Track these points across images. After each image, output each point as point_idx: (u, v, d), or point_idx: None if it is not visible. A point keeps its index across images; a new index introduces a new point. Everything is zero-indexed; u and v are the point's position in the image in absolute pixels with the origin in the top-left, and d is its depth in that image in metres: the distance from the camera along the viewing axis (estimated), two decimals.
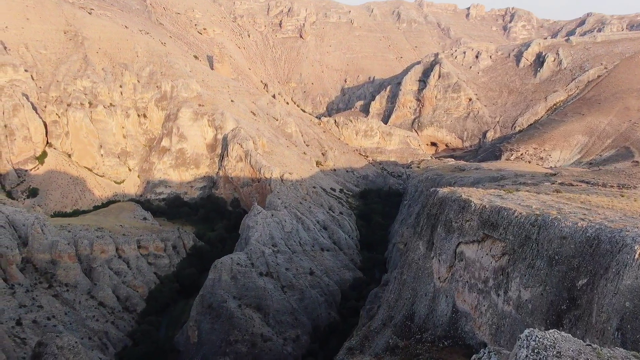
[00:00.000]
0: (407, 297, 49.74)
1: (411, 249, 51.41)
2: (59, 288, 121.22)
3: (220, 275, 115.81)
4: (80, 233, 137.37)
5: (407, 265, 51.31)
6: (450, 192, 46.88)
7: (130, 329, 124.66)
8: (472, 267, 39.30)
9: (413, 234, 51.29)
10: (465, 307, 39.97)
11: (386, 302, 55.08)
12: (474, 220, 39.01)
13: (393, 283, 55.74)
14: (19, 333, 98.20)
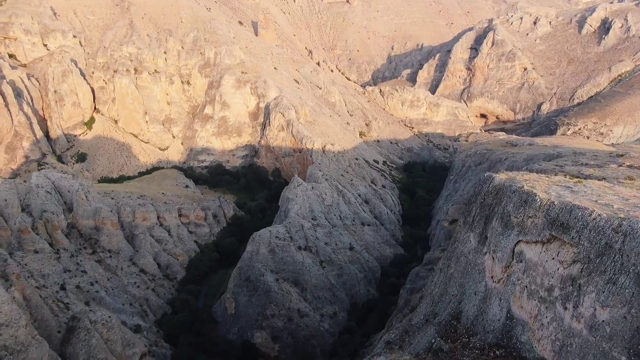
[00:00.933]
0: (453, 294, 45.01)
1: (460, 240, 46.26)
2: (102, 254, 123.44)
3: (258, 248, 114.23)
4: (123, 200, 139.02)
5: (455, 258, 46.33)
6: (509, 180, 41.15)
7: (170, 296, 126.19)
8: (533, 270, 34.03)
9: (463, 224, 45.98)
10: (522, 315, 34.99)
11: (429, 295, 50.58)
12: (538, 218, 33.52)
13: (438, 275, 50.99)
14: (63, 298, 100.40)
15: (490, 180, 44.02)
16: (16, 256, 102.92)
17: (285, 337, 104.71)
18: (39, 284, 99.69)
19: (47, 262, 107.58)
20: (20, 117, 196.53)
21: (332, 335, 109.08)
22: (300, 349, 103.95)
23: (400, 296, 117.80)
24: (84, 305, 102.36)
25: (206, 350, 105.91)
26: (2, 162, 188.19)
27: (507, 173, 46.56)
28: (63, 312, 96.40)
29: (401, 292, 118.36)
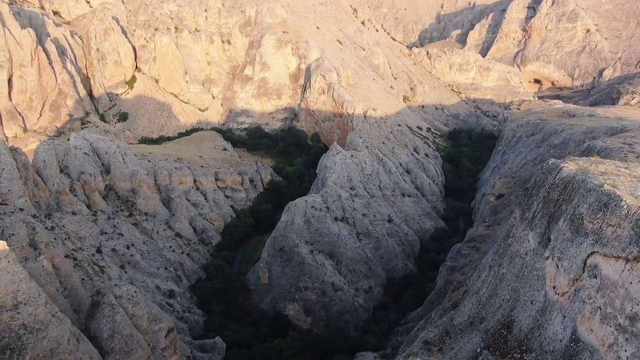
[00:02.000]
0: (504, 298, 39.46)
1: (516, 237, 40.25)
2: (139, 217, 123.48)
3: (293, 218, 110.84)
4: (160, 163, 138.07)
5: (509, 257, 40.49)
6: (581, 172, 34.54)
7: (204, 262, 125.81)
8: (611, 291, 28.01)
9: (520, 218, 39.87)
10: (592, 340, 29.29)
11: (475, 294, 45.15)
12: (623, 228, 27.23)
13: (486, 272, 45.33)
14: (99, 261, 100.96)
15: (556, 170, 37.34)
16: (54, 217, 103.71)
17: (318, 311, 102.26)
18: (76, 247, 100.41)
19: (84, 224, 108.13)
20: (64, 75, 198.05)
21: (366, 310, 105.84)
22: (333, 323, 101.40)
23: (440, 274, 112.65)
24: (119, 269, 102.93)
25: (238, 319, 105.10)
26: (47, 120, 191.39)
27: (576, 162, 39.57)
28: (98, 275, 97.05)
29: (441, 270, 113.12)
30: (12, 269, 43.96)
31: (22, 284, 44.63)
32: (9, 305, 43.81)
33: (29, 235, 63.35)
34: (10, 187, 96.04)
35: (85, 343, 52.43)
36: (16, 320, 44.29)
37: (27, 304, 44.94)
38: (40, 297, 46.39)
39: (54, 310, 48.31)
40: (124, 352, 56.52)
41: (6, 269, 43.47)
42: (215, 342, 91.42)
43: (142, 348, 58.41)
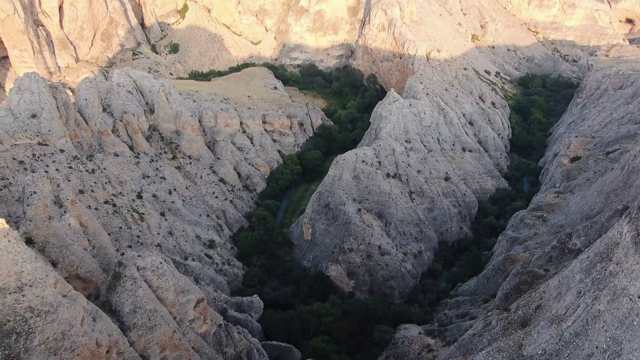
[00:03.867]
0: (599, 346, 30.42)
1: (623, 266, 30.41)
2: (182, 160, 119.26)
3: (341, 173, 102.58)
4: (206, 104, 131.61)
5: (610, 292, 30.82)
6: None
7: (248, 210, 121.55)
8: None
9: (633, 243, 29.85)
10: None
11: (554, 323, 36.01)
12: None
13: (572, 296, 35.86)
14: (139, 207, 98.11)
15: None
16: (96, 159, 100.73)
17: (362, 275, 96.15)
18: (116, 191, 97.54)
19: (126, 166, 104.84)
20: (115, 2, 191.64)
21: (414, 277, 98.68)
22: (377, 289, 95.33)
23: (499, 243, 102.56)
24: (159, 216, 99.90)
25: (278, 275, 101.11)
26: (99, 50, 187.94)
27: None
28: (137, 223, 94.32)
29: (500, 239, 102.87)
30: (13, 249, 39.01)
31: (26, 265, 39.80)
32: (12, 287, 39.32)
33: (54, 192, 58.88)
34: (50, 127, 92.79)
35: (104, 320, 48.30)
36: (21, 302, 39.94)
37: (32, 286, 40.34)
38: (48, 277, 41.65)
39: (65, 289, 43.76)
40: (146, 327, 52.45)
41: (7, 248, 38.52)
42: (253, 301, 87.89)
43: (166, 323, 54.15)
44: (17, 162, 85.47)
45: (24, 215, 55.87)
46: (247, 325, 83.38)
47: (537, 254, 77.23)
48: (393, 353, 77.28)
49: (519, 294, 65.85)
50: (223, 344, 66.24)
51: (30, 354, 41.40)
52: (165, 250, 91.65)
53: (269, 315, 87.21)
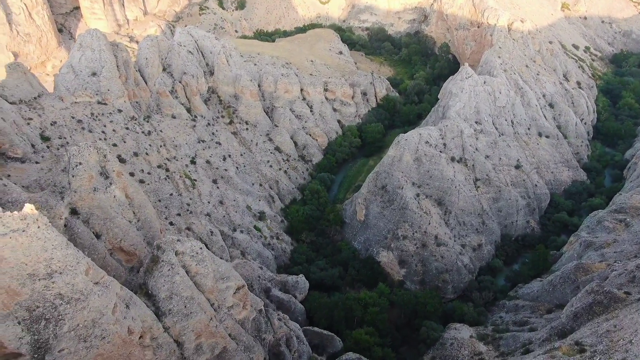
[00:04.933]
0: None
1: None
2: (239, 125, 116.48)
3: (402, 154, 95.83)
4: (266, 68, 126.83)
5: None
6: None
7: (302, 181, 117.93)
8: None
9: None
10: None
11: None
12: None
13: None
14: (191, 173, 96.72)
15: None
16: (153, 120, 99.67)
17: (415, 264, 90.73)
18: (170, 155, 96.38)
19: (182, 129, 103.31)
20: None
21: (471, 272, 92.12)
22: (429, 280, 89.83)
23: (570, 245, 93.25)
24: (211, 184, 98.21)
25: (327, 254, 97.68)
26: (166, 4, 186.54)
27: None
28: (188, 190, 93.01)
29: (571, 240, 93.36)
30: (43, 235, 36.89)
31: (56, 252, 37.74)
32: (42, 273, 37.49)
33: (100, 163, 57.05)
34: (109, 86, 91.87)
35: (137, 307, 46.42)
36: (51, 289, 38.19)
37: (63, 273, 38.41)
38: (80, 264, 39.57)
39: (97, 276, 41.71)
40: (182, 314, 50.37)
41: (36, 235, 36.43)
42: (298, 282, 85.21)
43: (202, 311, 51.87)
44: (75, 121, 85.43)
45: (69, 185, 54.56)
46: (289, 307, 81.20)
47: (618, 269, 68.55)
48: (440, 354, 72.61)
49: (591, 316, 58.49)
50: (262, 330, 63.98)
51: (60, 340, 40.05)
52: (214, 220, 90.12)
53: (314, 298, 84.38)
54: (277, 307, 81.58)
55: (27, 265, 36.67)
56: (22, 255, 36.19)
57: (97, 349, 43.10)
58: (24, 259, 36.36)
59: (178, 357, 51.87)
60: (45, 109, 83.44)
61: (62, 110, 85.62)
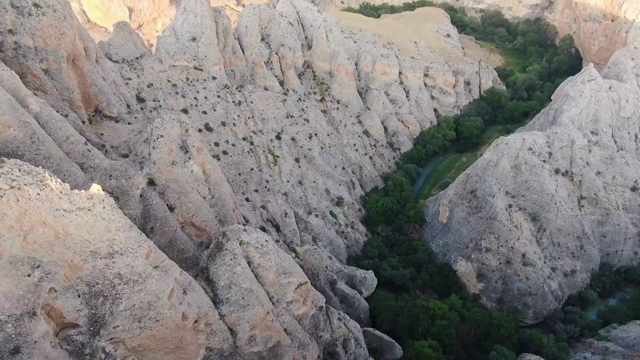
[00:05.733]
0: None
1: None
2: (330, 104, 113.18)
3: (499, 159, 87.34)
4: (366, 46, 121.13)
5: None
6: None
7: (386, 169, 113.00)
8: None
9: None
10: None
11: None
12: None
13: None
14: (275, 149, 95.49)
15: None
16: (245, 90, 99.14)
17: (495, 281, 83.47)
18: (256, 128, 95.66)
19: (272, 102, 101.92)
20: None
21: (557, 299, 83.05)
22: (508, 300, 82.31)
23: None
24: (293, 162, 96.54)
25: (401, 252, 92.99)
26: None
27: None
28: (269, 166, 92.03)
29: None
30: (107, 216, 36.40)
31: (119, 233, 37.26)
32: (103, 252, 37.29)
33: (181, 137, 56.54)
34: (207, 52, 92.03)
35: (195, 293, 45.72)
36: (111, 268, 38.03)
37: (123, 255, 38.02)
38: (141, 248, 39.03)
39: (158, 260, 41.17)
40: (239, 305, 49.18)
41: (101, 214, 35.99)
42: (366, 278, 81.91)
43: (260, 304, 50.33)
44: (170, 85, 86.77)
45: (149, 157, 54.64)
46: (353, 303, 78.36)
47: None
48: None
49: None
50: (320, 327, 61.73)
51: (115, 317, 40.23)
52: (291, 200, 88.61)
53: (380, 297, 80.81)
54: (341, 300, 79.13)
55: (90, 243, 36.55)
56: (86, 233, 36.01)
57: (151, 330, 43.10)
58: (88, 237, 36.20)
59: (230, 344, 51.16)
60: (145, 70, 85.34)
61: (159, 72, 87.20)
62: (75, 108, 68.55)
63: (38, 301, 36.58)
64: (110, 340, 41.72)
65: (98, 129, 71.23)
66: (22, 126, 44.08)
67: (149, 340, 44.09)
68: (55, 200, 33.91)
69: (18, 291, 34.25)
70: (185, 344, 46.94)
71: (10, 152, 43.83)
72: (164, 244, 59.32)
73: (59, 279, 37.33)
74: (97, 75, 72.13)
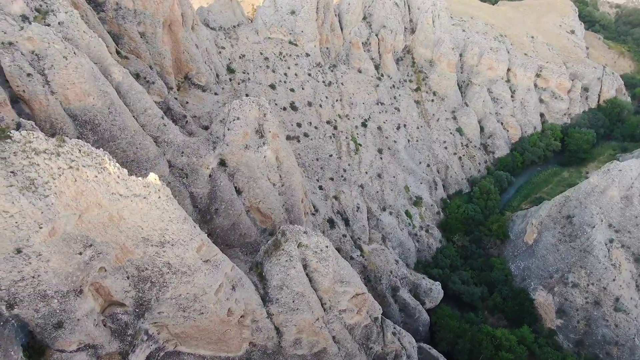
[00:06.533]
0: None
1: None
2: (425, 94, 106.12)
3: (608, 186, 76.66)
4: (475, 37, 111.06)
5: None
6: None
7: (475, 173, 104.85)
8: None
9: None
10: None
11: None
12: None
13: None
14: (358, 136, 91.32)
15: None
16: (338, 71, 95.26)
17: (577, 320, 74.63)
18: (343, 113, 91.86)
19: (363, 87, 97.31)
20: None
21: None
22: (589, 345, 73.43)
23: None
24: (375, 153, 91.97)
25: (476, 267, 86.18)
26: None
27: None
28: (350, 154, 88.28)
29: None
30: (162, 206, 35.06)
31: (172, 224, 35.94)
32: (155, 241, 36.33)
33: (259, 121, 54.30)
34: (304, 27, 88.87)
35: (245, 289, 44.08)
36: (161, 257, 37.10)
37: (174, 245, 36.80)
38: (193, 241, 37.56)
39: (210, 254, 39.66)
40: (288, 307, 47.02)
41: (156, 204, 34.70)
42: (432, 289, 76.90)
43: (310, 310, 47.82)
44: (262, 58, 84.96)
45: (223, 137, 53.08)
46: (413, 314, 73.89)
47: None
48: None
49: None
50: (371, 339, 58.36)
51: (161, 303, 39.73)
52: (366, 194, 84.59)
53: (443, 312, 75.70)
54: (400, 309, 74.93)
55: (143, 229, 35.58)
56: (140, 220, 34.99)
57: (194, 321, 42.27)
58: (141, 224, 35.20)
59: (275, 343, 49.51)
60: (239, 40, 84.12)
61: (254, 44, 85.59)
62: (165, 74, 68.89)
63: (87, 279, 36.59)
64: (154, 324, 41.45)
65: (184, 96, 71.31)
66: (102, 95, 43.93)
67: (192, 330, 43.44)
68: (112, 184, 32.96)
69: (68, 268, 34.22)
70: (228, 337, 45.84)
71: (88, 120, 44.07)
72: (226, 226, 58.61)
73: (110, 259, 37.06)
74: (190, 43, 71.72)
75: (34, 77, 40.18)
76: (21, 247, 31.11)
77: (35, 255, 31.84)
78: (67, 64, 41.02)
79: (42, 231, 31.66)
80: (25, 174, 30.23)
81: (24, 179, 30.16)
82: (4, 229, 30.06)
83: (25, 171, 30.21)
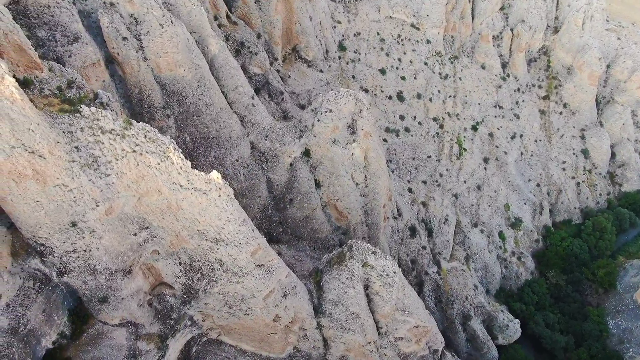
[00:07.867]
0: None
1: None
2: (554, 105, 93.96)
3: None
4: (630, 48, 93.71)
5: None
6: None
7: (592, 204, 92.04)
8: None
9: None
10: None
11: None
12: None
13: None
14: (465, 140, 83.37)
15: None
16: (458, 64, 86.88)
17: None
18: (453, 111, 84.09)
19: (483, 86, 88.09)
20: None
21: None
22: None
23: None
24: (480, 161, 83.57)
25: (566, 312, 76.28)
26: None
27: None
28: (451, 159, 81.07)
29: None
30: (221, 205, 32.97)
31: (229, 225, 33.85)
32: (210, 236, 34.66)
33: (353, 116, 49.88)
34: (431, 10, 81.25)
35: (297, 298, 41.66)
36: (214, 253, 35.53)
37: (228, 245, 34.85)
38: (249, 244, 35.30)
39: (265, 258, 37.31)
40: (340, 325, 43.81)
41: (215, 202, 32.64)
42: (508, 326, 69.48)
43: (363, 333, 44.29)
44: (378, 39, 79.45)
45: (312, 127, 49.58)
46: (481, 348, 67.34)
47: None
48: None
49: None
50: None
51: (208, 296, 38.67)
52: (459, 205, 77.43)
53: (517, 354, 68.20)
54: (468, 339, 68.56)
55: (200, 223, 33.86)
56: (197, 214, 33.21)
57: (239, 319, 40.60)
58: (198, 217, 33.46)
59: (320, 354, 46.91)
60: (358, 16, 78.98)
61: (372, 22, 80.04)
62: (272, 44, 66.32)
63: (138, 259, 35.97)
64: (200, 312, 40.49)
65: (288, 69, 68.54)
66: (193, 68, 42.17)
67: (236, 326, 41.94)
68: (174, 174, 31.17)
69: (120, 247, 33.57)
70: (272, 340, 43.87)
71: (175, 91, 42.78)
72: (299, 218, 55.97)
73: (164, 244, 35.99)
74: (305, 14, 68.05)
75: (129, 41, 39.25)
76: (76, 222, 30.65)
77: (89, 231, 31.37)
78: (163, 32, 39.52)
79: (99, 209, 30.95)
80: (89, 151, 29.19)
81: (87, 155, 29.18)
82: (62, 202, 29.58)
83: (90, 148, 29.15)
